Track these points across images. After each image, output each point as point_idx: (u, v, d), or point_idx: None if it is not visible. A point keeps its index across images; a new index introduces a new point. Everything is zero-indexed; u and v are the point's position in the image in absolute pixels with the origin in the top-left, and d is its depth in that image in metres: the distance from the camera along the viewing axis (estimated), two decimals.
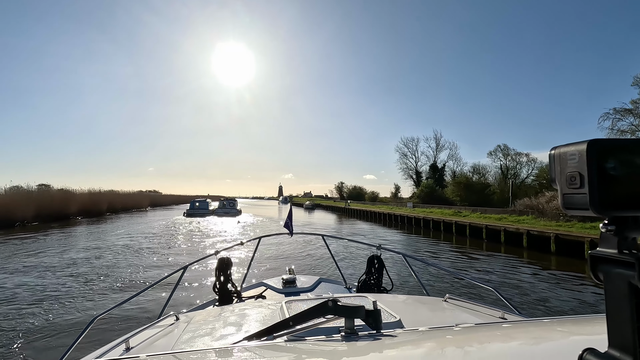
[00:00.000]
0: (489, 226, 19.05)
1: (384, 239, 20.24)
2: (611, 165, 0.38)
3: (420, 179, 72.14)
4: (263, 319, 1.50)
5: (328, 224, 31.93)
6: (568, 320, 1.20)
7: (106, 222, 28.86)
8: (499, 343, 0.94)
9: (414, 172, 72.65)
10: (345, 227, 28.91)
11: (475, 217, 23.67)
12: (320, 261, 11.55)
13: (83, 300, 7.62)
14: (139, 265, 11.29)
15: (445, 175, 68.16)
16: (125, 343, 1.33)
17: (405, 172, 73.50)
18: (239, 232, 22.79)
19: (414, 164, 72.89)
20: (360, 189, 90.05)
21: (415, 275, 2.80)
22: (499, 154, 59.93)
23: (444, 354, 0.87)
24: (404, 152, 72.92)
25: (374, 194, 75.66)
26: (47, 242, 16.75)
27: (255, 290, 3.14)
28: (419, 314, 1.64)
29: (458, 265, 12.43)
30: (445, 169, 68.74)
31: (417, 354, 0.89)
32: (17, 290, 8.28)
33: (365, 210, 40.79)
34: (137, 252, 13.87)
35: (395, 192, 77.66)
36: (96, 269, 10.68)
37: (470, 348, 0.90)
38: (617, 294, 0.38)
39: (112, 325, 5.66)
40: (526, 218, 19.86)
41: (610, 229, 0.40)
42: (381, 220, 34.09)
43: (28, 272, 10.17)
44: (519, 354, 0.85)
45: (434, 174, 68.00)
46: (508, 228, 17.66)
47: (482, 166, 63.71)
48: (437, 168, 68.85)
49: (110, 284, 8.87)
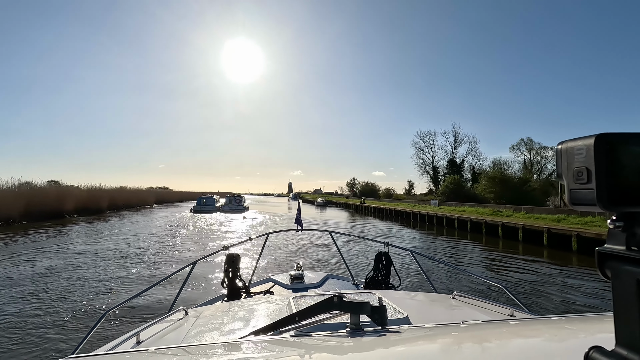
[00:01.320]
0: (552, 230, 15.56)
1: (418, 241, 17.16)
2: (619, 160, 0.37)
3: (437, 174, 68.57)
4: (271, 314, 1.50)
5: (343, 223, 29.01)
6: (577, 318, 1.17)
7: (104, 221, 26.42)
8: (504, 340, 0.92)
9: (431, 168, 69.05)
10: (363, 226, 25.80)
11: (522, 217, 20.23)
12: (328, 257, 11.28)
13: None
14: (117, 280, 8.71)
15: (463, 170, 64.54)
16: (136, 336, 1.32)
17: (421, 167, 69.73)
18: (244, 230, 21.31)
19: (430, 159, 69.27)
20: (372, 185, 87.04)
21: (423, 272, 2.82)
22: (522, 147, 56.05)
23: (449, 351, 0.87)
24: (419, 147, 69.05)
25: (389, 190, 71.92)
26: (21, 245, 14.11)
27: (264, 285, 3.17)
28: (426, 311, 1.63)
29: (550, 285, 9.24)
30: (464, 164, 65.17)
31: (422, 351, 0.88)
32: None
33: (383, 208, 37.51)
34: (125, 260, 11.14)
35: (409, 188, 74.32)
36: (63, 285, 8.28)
37: (475, 345, 0.89)
38: (625, 291, 0.38)
39: (124, 319, 5.81)
40: (593, 219, 16.32)
41: (618, 225, 0.39)
42: (401, 219, 30.88)
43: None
44: (525, 352, 0.83)
45: (452, 169, 64.41)
46: (583, 233, 14.15)
47: (503, 161, 59.97)
48: (455, 163, 65.20)
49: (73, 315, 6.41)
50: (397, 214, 32.99)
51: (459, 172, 62.79)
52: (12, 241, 15.40)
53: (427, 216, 27.42)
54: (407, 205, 37.90)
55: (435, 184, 67.96)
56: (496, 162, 62.96)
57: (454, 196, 38.61)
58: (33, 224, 22.29)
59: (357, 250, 12.94)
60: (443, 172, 67.41)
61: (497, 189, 33.73)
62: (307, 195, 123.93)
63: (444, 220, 24.63)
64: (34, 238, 16.47)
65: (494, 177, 35.82)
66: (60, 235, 17.99)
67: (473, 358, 0.80)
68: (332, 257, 11.16)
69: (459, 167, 64.24)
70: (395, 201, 48.64)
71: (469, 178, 63.44)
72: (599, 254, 0.41)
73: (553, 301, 7.81)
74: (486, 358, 0.78)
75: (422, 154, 69.45)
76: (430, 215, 27.03)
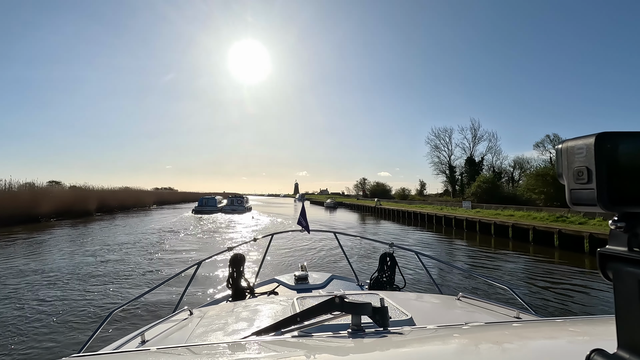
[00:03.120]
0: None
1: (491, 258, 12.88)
2: (620, 159, 0.36)
3: (454, 174, 64.00)
4: (275, 315, 1.49)
5: (358, 228, 24.65)
6: (581, 320, 1.15)
7: (87, 226, 22.47)
8: (505, 343, 0.90)
9: (447, 167, 64.44)
10: (398, 234, 21.47)
11: (607, 225, 15.77)
12: (333, 258, 11.22)
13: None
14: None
15: (482, 169, 59.98)
16: (141, 336, 1.32)
17: (437, 166, 65.07)
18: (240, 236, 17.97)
19: (446, 157, 64.63)
20: (383, 185, 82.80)
21: (428, 273, 2.80)
22: (547, 145, 51.39)
23: (450, 353, 0.86)
24: (435, 145, 64.33)
25: (404, 190, 67.28)
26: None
27: (268, 286, 3.16)
28: (431, 312, 1.62)
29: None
30: (483, 163, 60.54)
31: (422, 352, 0.88)
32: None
33: (404, 211, 33.00)
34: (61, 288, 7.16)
35: (421, 188, 69.66)
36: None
37: (477, 347, 0.88)
38: (627, 293, 0.37)
39: (129, 319, 5.81)
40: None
41: (620, 225, 0.38)
42: (427, 224, 26.55)
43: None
44: (525, 354, 0.83)
45: (470, 168, 59.86)
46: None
47: (525, 159, 55.19)
48: (474, 162, 60.61)
49: None
50: (422, 217, 28.63)
51: (477, 171, 58.33)
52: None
53: (465, 221, 22.86)
54: (432, 207, 33.44)
55: (452, 183, 63.44)
56: (517, 160, 58.32)
57: (487, 197, 33.99)
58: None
59: (363, 250, 12.77)
60: (460, 172, 62.95)
61: (550, 188, 28.26)
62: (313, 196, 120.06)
63: (492, 227, 20.10)
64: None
65: (544, 173, 30.21)
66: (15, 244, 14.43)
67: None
68: (337, 258, 10.96)
69: (478, 166, 59.70)
70: (413, 202, 43.97)
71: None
72: (601, 255, 0.40)
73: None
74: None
75: (437, 152, 64.77)
76: (471, 220, 22.42)
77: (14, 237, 16.68)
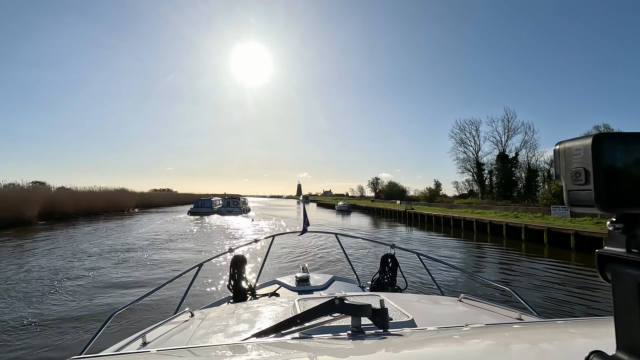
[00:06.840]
0: None
1: None
2: (618, 160, 0.36)
3: (482, 172, 55.65)
4: (276, 316, 1.49)
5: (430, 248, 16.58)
6: (582, 321, 1.14)
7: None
8: (505, 344, 0.91)
9: (474, 164, 56.04)
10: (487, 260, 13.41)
11: None
12: (335, 260, 11.23)
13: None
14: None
15: (517, 167, 51.82)
16: (142, 338, 1.32)
17: (461, 164, 56.60)
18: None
19: (473, 153, 56.14)
20: (396, 184, 74.76)
21: (429, 275, 2.75)
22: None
23: (450, 354, 0.86)
24: (460, 139, 55.78)
25: (433, 191, 58.55)
26: None
27: (269, 288, 3.15)
28: (432, 314, 1.60)
29: None
30: (517, 159, 52.30)
31: (423, 354, 0.87)
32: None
33: (455, 218, 24.78)
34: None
35: (436, 189, 61.28)
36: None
37: (477, 348, 0.88)
38: (626, 294, 0.37)
39: (130, 320, 5.76)
40: None
41: (618, 226, 0.38)
42: (483, 233, 18.41)
43: None
44: (524, 356, 0.83)
45: (503, 165, 51.59)
46: None
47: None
48: (506, 158, 52.25)
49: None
50: (482, 226, 20.84)
51: (510, 169, 50.26)
52: None
53: (575, 235, 14.63)
54: (493, 213, 25.16)
55: (480, 183, 55.18)
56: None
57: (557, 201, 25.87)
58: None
59: (364, 251, 12.66)
60: (489, 170, 54.75)
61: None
62: (318, 197, 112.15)
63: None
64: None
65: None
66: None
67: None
68: (338, 259, 10.89)
69: (511, 162, 51.50)
70: (458, 208, 35.40)
71: (520, 177, 51.20)
72: (599, 256, 0.39)
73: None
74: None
75: (463, 147, 56.27)
76: (589, 236, 14.11)
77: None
